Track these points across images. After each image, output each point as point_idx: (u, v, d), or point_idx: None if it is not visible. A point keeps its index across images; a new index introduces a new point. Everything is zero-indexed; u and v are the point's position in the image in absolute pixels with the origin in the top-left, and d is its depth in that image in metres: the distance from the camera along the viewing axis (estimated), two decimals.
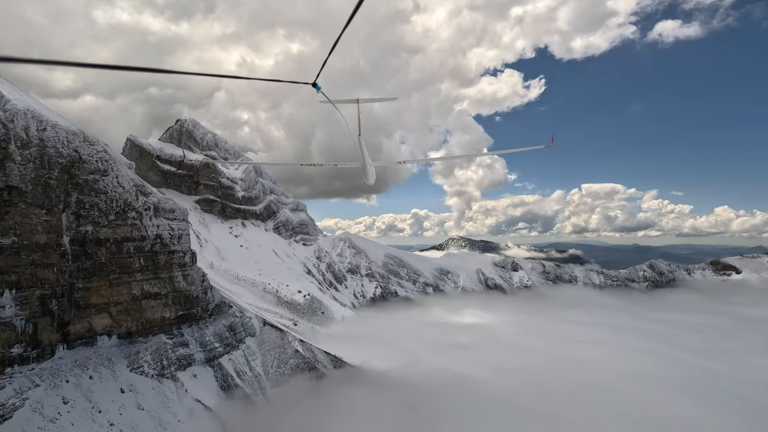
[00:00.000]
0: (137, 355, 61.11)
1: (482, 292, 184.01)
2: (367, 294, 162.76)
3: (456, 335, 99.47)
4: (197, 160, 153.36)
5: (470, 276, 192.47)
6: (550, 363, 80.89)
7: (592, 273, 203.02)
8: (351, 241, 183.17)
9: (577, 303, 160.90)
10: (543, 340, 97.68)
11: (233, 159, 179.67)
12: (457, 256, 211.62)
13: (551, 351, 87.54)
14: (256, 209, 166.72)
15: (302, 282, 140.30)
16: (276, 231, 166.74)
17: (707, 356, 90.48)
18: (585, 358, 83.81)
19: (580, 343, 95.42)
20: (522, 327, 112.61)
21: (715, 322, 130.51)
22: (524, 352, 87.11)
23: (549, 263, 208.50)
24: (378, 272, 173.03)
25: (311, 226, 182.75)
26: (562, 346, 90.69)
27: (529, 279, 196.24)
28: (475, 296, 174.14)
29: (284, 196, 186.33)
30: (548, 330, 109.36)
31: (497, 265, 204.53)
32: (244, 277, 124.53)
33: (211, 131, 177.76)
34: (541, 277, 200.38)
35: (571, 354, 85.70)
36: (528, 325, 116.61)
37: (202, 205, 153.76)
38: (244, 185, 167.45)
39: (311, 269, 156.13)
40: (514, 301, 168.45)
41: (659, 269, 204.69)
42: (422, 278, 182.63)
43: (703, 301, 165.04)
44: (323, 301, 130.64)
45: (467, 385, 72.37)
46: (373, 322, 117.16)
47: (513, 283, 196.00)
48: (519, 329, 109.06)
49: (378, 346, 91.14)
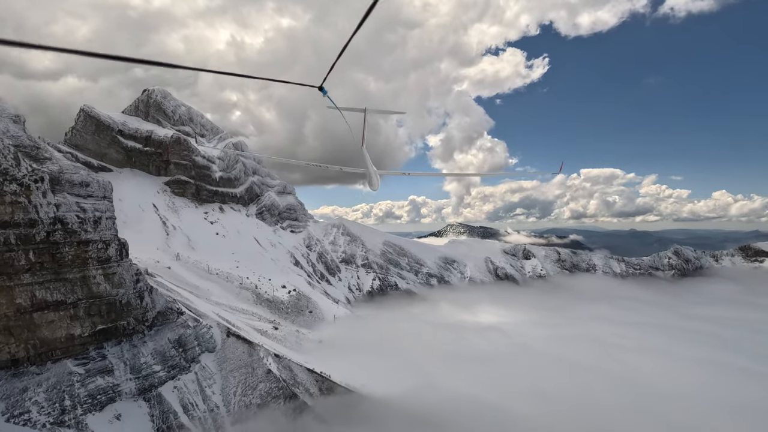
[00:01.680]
0: (22, 394, 41.36)
1: (492, 283, 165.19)
2: (363, 287, 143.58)
3: (473, 342, 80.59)
4: (171, 135, 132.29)
5: (478, 265, 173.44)
6: (607, 384, 61.93)
7: (612, 261, 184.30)
8: (345, 227, 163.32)
9: (602, 295, 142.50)
10: (583, 347, 79.03)
11: (211, 135, 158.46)
12: (462, 243, 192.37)
13: (601, 365, 68.68)
14: (236, 192, 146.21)
15: (288, 275, 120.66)
16: (259, 216, 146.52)
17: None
18: (651, 376, 65.06)
19: (631, 352, 76.70)
20: (549, 328, 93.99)
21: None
22: (566, 366, 68.15)
23: (564, 250, 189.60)
24: (376, 262, 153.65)
25: (300, 211, 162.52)
26: (611, 357, 71.90)
27: (542, 268, 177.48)
28: (484, 288, 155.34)
29: (269, 177, 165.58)
30: (583, 332, 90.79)
31: (507, 252, 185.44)
32: (218, 270, 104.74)
33: (185, 104, 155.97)
34: (556, 266, 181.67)
35: (629, 369, 67.02)
36: (555, 324, 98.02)
37: (173, 187, 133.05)
38: (222, 165, 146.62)
39: (299, 260, 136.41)
40: (530, 293, 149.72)
41: (685, 256, 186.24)
42: (425, 268, 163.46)
43: (742, 292, 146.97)
44: (312, 297, 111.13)
45: (499, 417, 53.34)
46: (372, 323, 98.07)
47: (525, 272, 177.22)
48: (547, 331, 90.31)
49: (378, 359, 71.96)
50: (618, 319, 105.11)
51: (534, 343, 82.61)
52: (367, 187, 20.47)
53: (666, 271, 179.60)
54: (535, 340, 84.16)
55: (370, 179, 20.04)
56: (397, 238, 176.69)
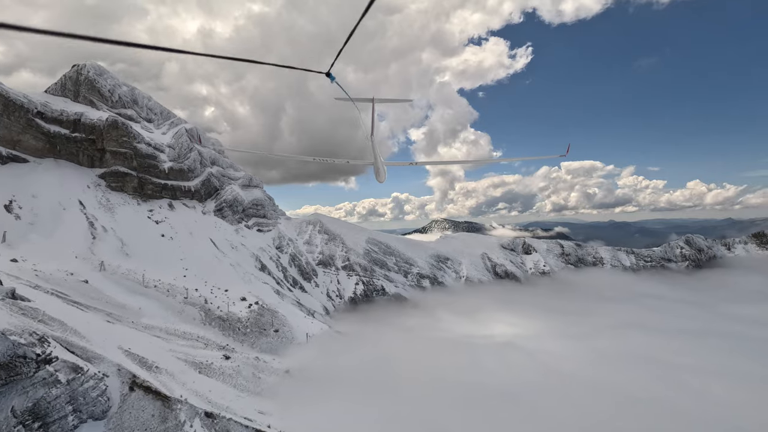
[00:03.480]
0: None
1: (491, 282, 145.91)
2: (345, 293, 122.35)
3: (489, 366, 60.36)
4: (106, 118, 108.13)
5: (474, 262, 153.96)
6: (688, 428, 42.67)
7: (620, 253, 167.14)
8: (322, 224, 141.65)
9: (619, 293, 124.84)
10: (631, 368, 59.65)
11: (160, 120, 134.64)
12: (455, 239, 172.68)
13: (667, 396, 49.14)
14: (190, 185, 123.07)
15: (251, 283, 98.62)
16: (218, 213, 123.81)
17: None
18: (739, 409, 46.08)
19: (693, 373, 57.63)
20: (577, 340, 74.79)
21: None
22: (623, 400, 48.18)
23: (568, 243, 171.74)
24: (358, 263, 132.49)
25: (269, 207, 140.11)
26: (684, 389, 52.55)
27: (545, 263, 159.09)
28: (484, 289, 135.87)
29: (232, 168, 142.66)
30: (621, 345, 71.59)
31: (505, 247, 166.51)
32: (157, 281, 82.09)
33: (128, 84, 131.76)
34: (559, 261, 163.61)
35: (709, 403, 47.82)
36: (582, 335, 78.96)
37: (110, 180, 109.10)
38: (172, 153, 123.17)
39: (267, 264, 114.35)
40: (537, 293, 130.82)
41: (697, 245, 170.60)
42: (416, 268, 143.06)
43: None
44: (280, 310, 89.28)
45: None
46: (355, 344, 77.30)
47: (527, 268, 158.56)
48: (576, 345, 70.87)
49: (366, 402, 51.11)
50: (654, 325, 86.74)
51: (566, 364, 62.92)
52: (376, 178, 20.53)
53: (679, 263, 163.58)
54: (566, 360, 64.47)
55: (378, 170, 20.10)
56: (382, 234, 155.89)
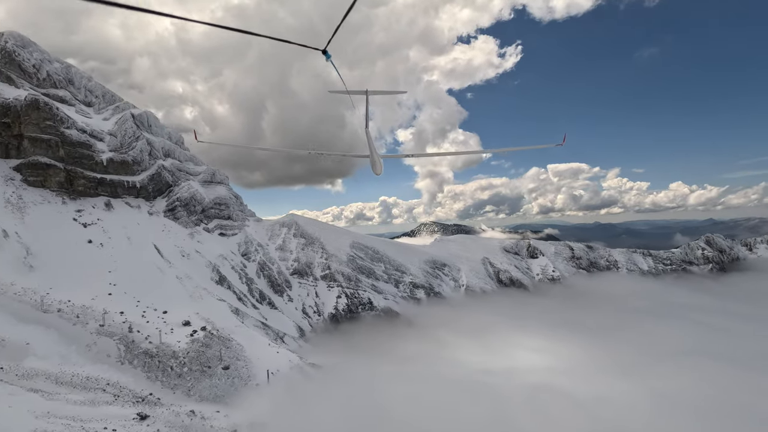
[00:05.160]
0: None
1: (495, 291, 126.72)
2: (324, 308, 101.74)
3: (527, 428, 40.82)
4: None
5: (475, 268, 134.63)
6: None
7: (636, 255, 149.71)
8: (299, 226, 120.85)
9: (651, 303, 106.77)
10: (738, 427, 41.08)
11: (102, 104, 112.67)
12: (452, 242, 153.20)
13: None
14: (135, 180, 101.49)
15: (201, 302, 77.31)
16: (170, 214, 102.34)
17: None
18: None
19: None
20: (638, 379, 55.21)
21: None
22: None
23: (578, 245, 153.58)
24: (341, 272, 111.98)
25: (235, 207, 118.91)
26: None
27: (555, 268, 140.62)
28: (489, 300, 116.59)
29: (192, 162, 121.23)
30: (705, 390, 52.01)
31: (508, 251, 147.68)
32: (65, 303, 60.44)
33: (59, 59, 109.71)
34: (570, 265, 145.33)
35: None
36: (641, 369, 59.66)
37: (27, 173, 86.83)
38: (114, 142, 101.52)
39: (227, 275, 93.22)
40: (552, 305, 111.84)
41: (718, 246, 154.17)
42: (408, 276, 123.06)
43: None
44: (235, 337, 68.08)
45: None
46: (335, 383, 57.11)
47: (534, 274, 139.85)
48: (640, 389, 51.59)
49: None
50: (720, 351, 67.85)
51: (633, 418, 43.56)
52: (373, 170, 20.18)
53: (702, 266, 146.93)
54: (630, 412, 45.11)
55: (374, 163, 19.81)
56: (369, 238, 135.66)
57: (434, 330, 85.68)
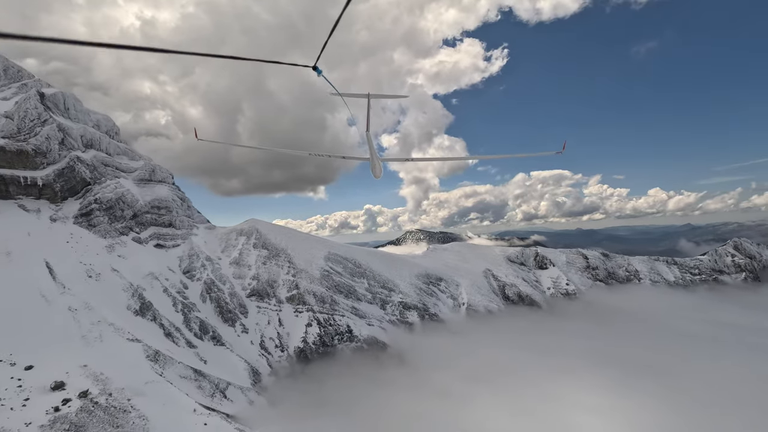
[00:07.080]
0: None
1: (503, 310, 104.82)
2: (290, 341, 78.17)
3: None
4: None
5: (476, 282, 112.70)
6: None
7: (659, 264, 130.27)
8: (261, 234, 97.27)
9: (703, 328, 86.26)
10: None
11: (5, 81, 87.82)
12: (447, 251, 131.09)
13: None
14: (36, 176, 76.75)
15: (99, 345, 52.98)
16: (84, 220, 77.74)
17: None
18: None
19: None
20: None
21: None
22: None
23: (593, 253, 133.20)
24: (313, 292, 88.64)
25: (180, 211, 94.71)
26: None
27: (568, 281, 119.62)
28: (497, 323, 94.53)
29: (125, 155, 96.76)
30: None
31: (513, 261, 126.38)
32: None
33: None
34: (585, 276, 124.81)
35: None
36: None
37: None
38: (9, 127, 76.77)
39: (154, 301, 68.86)
40: (579, 329, 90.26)
41: (747, 251, 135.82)
42: (397, 295, 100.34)
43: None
44: (139, 405, 44.17)
45: None
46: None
47: (544, 288, 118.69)
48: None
49: None
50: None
51: None
52: (372, 173, 19.95)
53: (734, 275, 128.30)
54: None
55: (374, 166, 19.65)
56: (349, 248, 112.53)
57: (435, 372, 63.15)
